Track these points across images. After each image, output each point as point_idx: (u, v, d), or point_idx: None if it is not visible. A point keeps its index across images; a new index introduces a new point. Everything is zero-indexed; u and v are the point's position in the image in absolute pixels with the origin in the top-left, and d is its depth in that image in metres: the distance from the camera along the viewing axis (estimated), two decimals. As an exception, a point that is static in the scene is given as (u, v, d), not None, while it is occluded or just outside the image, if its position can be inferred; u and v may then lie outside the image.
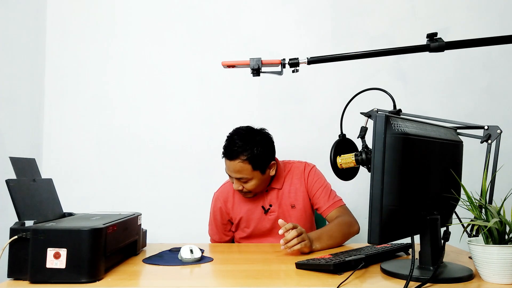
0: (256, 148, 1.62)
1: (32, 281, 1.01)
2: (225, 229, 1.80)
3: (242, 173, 1.62)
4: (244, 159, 1.60)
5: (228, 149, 1.63)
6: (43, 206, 1.21)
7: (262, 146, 1.64)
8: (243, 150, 1.60)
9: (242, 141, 1.62)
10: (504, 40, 1.21)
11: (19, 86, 2.06)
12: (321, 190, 1.72)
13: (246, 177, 1.63)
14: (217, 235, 1.82)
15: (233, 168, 1.63)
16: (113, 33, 2.30)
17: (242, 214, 1.74)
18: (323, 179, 1.76)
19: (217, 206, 1.77)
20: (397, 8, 2.29)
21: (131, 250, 1.35)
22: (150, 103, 2.28)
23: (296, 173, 1.77)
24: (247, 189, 1.66)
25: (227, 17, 2.30)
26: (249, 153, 1.60)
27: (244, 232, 1.77)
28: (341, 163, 1.32)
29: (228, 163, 1.64)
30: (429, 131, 1.12)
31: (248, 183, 1.64)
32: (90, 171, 2.25)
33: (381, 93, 1.33)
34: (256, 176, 1.64)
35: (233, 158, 1.61)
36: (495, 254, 0.98)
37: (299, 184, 1.74)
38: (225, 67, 1.34)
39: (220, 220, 1.78)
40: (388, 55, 1.32)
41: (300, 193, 1.73)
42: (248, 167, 1.61)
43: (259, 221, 1.74)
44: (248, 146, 1.61)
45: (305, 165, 1.79)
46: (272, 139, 1.72)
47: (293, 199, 1.73)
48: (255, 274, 1.13)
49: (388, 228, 1.00)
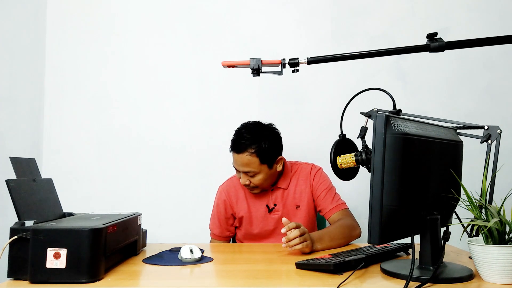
0: (264, 142, 1.64)
1: (32, 281, 1.01)
2: (227, 223, 1.80)
3: (249, 166, 1.63)
4: (252, 152, 1.62)
5: (236, 142, 1.65)
6: (43, 206, 1.21)
7: (270, 140, 1.66)
8: (251, 143, 1.62)
9: (250, 135, 1.64)
10: (504, 40, 1.21)
11: (19, 86, 2.06)
12: (326, 192, 1.73)
13: (254, 170, 1.64)
14: (218, 229, 1.81)
15: (240, 162, 1.64)
16: (113, 33, 2.30)
17: (245, 211, 1.75)
18: (328, 182, 1.77)
19: (222, 198, 1.78)
20: (397, 8, 2.29)
21: (131, 250, 1.35)
22: (150, 103, 2.28)
23: (302, 174, 1.77)
24: (254, 183, 1.67)
25: (227, 17, 2.30)
26: (257, 147, 1.62)
27: (246, 231, 1.77)
28: (341, 163, 1.32)
29: (236, 157, 1.65)
30: (429, 131, 1.11)
31: (255, 177, 1.65)
32: (90, 171, 2.25)
33: (381, 93, 1.33)
34: (264, 170, 1.65)
35: (241, 151, 1.63)
36: (495, 254, 0.98)
37: (305, 185, 1.75)
38: (225, 67, 1.34)
39: (223, 213, 1.78)
40: (388, 55, 1.32)
41: (305, 194, 1.74)
42: (256, 160, 1.62)
43: (262, 220, 1.74)
44: (256, 139, 1.63)
45: (312, 166, 1.80)
46: (279, 134, 1.73)
47: (298, 200, 1.74)
48: (255, 274, 1.13)
49: (388, 228, 1.00)
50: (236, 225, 1.81)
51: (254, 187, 1.69)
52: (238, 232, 1.82)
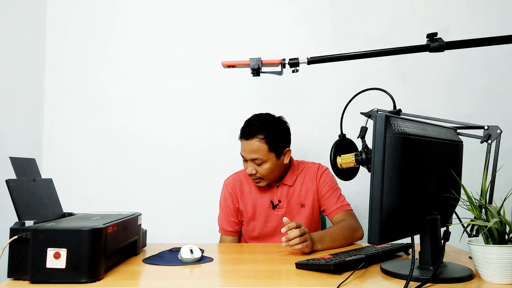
0: (273, 130, 1.67)
1: (32, 281, 1.02)
2: (235, 216, 1.79)
3: (257, 153, 1.64)
4: (261, 138, 1.64)
5: (246, 129, 1.68)
6: (43, 206, 1.21)
7: (279, 130, 1.69)
8: (260, 129, 1.65)
9: (259, 122, 1.67)
10: (504, 40, 1.22)
11: (19, 86, 2.06)
12: (331, 192, 1.73)
13: (261, 158, 1.65)
14: (226, 223, 1.79)
15: (249, 148, 1.65)
16: (113, 33, 2.30)
17: (249, 205, 1.75)
18: (334, 182, 1.77)
19: (228, 191, 1.79)
20: (397, 8, 2.29)
21: (131, 250, 1.35)
22: (150, 103, 2.28)
23: (309, 173, 1.78)
24: (260, 173, 1.67)
25: (227, 17, 2.30)
26: (266, 134, 1.65)
27: (248, 227, 1.77)
28: (341, 163, 1.32)
29: (245, 143, 1.67)
30: (429, 131, 1.11)
31: (262, 166, 1.66)
32: (90, 171, 2.25)
33: (381, 93, 1.33)
34: (271, 159, 1.66)
35: (250, 137, 1.65)
36: (495, 254, 0.98)
37: (311, 184, 1.76)
38: (225, 67, 1.34)
39: (231, 205, 1.78)
40: (388, 55, 1.32)
41: (310, 192, 1.75)
42: (265, 147, 1.64)
43: (266, 216, 1.74)
44: (265, 127, 1.66)
45: (319, 166, 1.81)
46: (288, 127, 1.75)
47: (303, 198, 1.74)
48: (255, 274, 1.13)
49: (388, 228, 1.00)
50: (242, 219, 1.81)
51: (260, 178, 1.69)
52: (243, 230, 1.82)
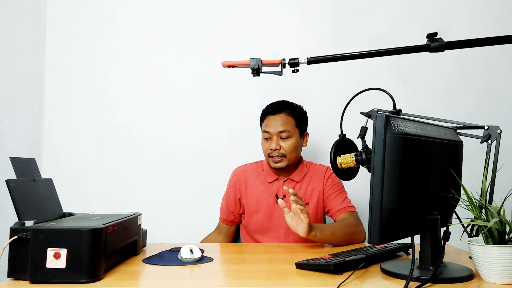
0: (298, 109, 1.79)
1: (32, 281, 1.01)
2: (233, 206, 1.81)
3: (286, 125, 1.72)
4: (289, 113, 1.74)
5: (273, 106, 1.77)
6: (43, 206, 1.21)
7: (302, 111, 1.81)
8: (287, 106, 1.77)
9: (285, 102, 1.79)
10: (504, 40, 1.22)
11: (19, 86, 2.06)
12: (337, 193, 1.75)
13: (289, 130, 1.72)
14: (223, 210, 1.85)
15: (277, 122, 1.72)
16: (113, 33, 2.30)
17: (254, 198, 1.77)
18: (341, 185, 1.80)
19: (233, 181, 1.83)
20: (397, 8, 2.29)
21: (131, 250, 1.35)
22: (150, 103, 2.28)
23: (316, 173, 1.80)
24: (284, 150, 1.71)
25: (227, 17, 2.30)
26: (293, 110, 1.76)
27: (250, 219, 1.77)
28: (341, 163, 1.32)
29: (272, 119, 1.74)
30: (429, 131, 1.11)
31: (287, 141, 1.71)
32: (90, 171, 2.25)
33: (381, 93, 1.33)
34: (296, 135, 1.74)
35: (278, 112, 1.74)
36: (495, 254, 0.98)
37: (317, 184, 1.77)
38: (225, 67, 1.34)
39: (232, 196, 1.81)
40: (388, 55, 1.32)
41: (316, 192, 1.76)
42: (292, 121, 1.74)
43: (268, 209, 1.75)
44: (291, 105, 1.78)
45: (328, 168, 1.82)
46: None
47: (308, 197, 1.76)
48: (255, 274, 1.13)
49: (388, 228, 1.00)
50: (241, 212, 1.82)
51: (282, 156, 1.71)
52: (243, 220, 1.83)
